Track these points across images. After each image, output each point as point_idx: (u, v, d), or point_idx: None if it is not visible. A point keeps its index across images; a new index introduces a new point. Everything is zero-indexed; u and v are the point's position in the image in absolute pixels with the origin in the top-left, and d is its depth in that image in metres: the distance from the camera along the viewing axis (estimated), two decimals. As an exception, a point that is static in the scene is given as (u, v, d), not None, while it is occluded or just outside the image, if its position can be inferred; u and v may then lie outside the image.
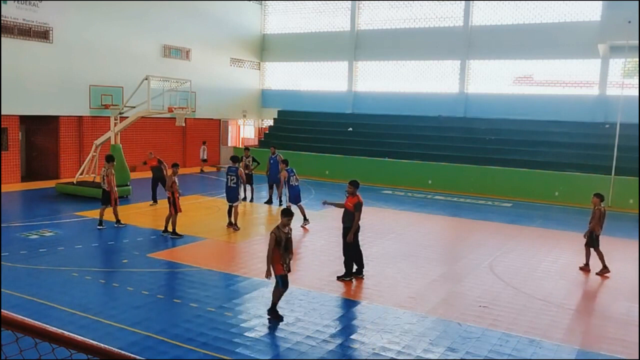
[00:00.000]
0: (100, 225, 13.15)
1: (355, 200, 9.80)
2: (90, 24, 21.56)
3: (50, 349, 1.75)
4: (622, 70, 22.27)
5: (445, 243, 13.83)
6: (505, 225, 15.23)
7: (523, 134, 23.25)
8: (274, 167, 17.39)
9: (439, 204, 19.12)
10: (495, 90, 25.14)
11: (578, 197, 19.58)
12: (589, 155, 21.11)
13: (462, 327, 7.86)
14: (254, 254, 11.47)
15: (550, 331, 7.79)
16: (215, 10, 27.59)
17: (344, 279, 9.77)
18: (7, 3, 18.72)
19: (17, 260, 10.25)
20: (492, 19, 24.99)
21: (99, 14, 21.87)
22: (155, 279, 9.72)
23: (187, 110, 18.76)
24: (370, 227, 14.62)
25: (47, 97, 20.42)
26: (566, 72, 23.90)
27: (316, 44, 29.13)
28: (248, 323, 7.62)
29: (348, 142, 25.75)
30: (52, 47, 20.34)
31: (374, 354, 6.77)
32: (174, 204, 12.37)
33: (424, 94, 26.61)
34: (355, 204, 9.77)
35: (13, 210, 15.26)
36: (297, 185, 14.39)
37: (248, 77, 30.45)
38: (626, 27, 19.22)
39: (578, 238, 14.48)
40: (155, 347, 6.74)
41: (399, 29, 27.10)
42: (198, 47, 26.68)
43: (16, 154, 20.00)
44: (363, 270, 10.03)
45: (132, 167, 18.13)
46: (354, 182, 9.97)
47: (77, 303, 8.13)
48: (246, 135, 31.87)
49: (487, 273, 10.56)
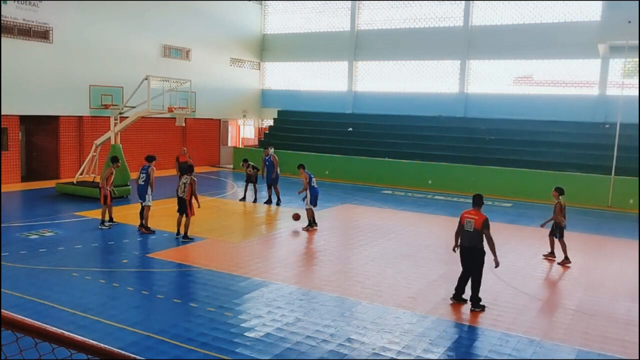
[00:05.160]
0: (110, 222, 13.42)
1: (483, 218, 8.51)
2: (90, 24, 21.56)
3: (50, 349, 1.75)
4: (622, 70, 22.27)
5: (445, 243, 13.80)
6: (505, 225, 15.23)
7: (523, 134, 23.24)
8: (269, 168, 17.42)
9: (439, 204, 19.12)
10: (495, 90, 25.14)
11: (578, 197, 19.59)
12: (589, 155, 21.10)
13: (462, 327, 7.87)
14: (254, 254, 11.48)
15: (550, 331, 7.79)
16: (215, 10, 27.59)
17: (455, 301, 8.70)
18: (7, 3, 18.73)
19: (17, 260, 10.25)
20: (492, 19, 24.99)
21: (99, 14, 21.87)
22: (155, 279, 9.72)
23: (187, 110, 18.75)
24: (370, 227, 14.64)
25: (47, 97, 20.42)
26: (566, 72, 23.89)
27: (316, 44, 29.13)
28: (248, 323, 7.62)
29: (348, 142, 25.75)
30: (52, 47, 20.34)
31: (374, 354, 6.77)
32: (191, 207, 12.32)
33: (424, 94, 26.61)
34: (484, 222, 8.46)
35: (13, 210, 15.26)
36: (317, 187, 14.38)
37: (248, 77, 30.45)
38: (626, 27, 19.22)
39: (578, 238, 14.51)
40: (155, 347, 6.74)
41: (399, 29, 27.10)
42: (198, 47, 26.68)
43: (16, 154, 20.01)
44: (479, 303, 8.53)
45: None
46: (477, 196, 8.88)
47: (77, 303, 8.12)
48: (246, 135, 31.87)
49: (487, 273, 10.54)
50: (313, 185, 14.09)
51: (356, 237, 13.43)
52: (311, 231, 13.81)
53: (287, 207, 17.07)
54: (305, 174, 14.13)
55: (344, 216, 16.44)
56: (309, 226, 13.98)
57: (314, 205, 14.06)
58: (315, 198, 14.06)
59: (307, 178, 14.04)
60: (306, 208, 14.07)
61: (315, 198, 14.06)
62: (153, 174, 13.04)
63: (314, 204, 14.07)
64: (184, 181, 12.34)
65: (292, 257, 11.61)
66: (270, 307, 8.29)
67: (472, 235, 8.55)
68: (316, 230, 13.91)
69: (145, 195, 12.93)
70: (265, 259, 11.30)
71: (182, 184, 12.35)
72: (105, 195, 13.14)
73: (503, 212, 17.52)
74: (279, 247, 12.64)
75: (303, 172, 14.23)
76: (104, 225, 13.13)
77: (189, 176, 12.36)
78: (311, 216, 14.07)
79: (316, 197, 14.13)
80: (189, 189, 12.21)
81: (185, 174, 12.55)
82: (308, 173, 14.17)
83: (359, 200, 19.03)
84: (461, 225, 8.69)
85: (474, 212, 8.68)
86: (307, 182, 14.00)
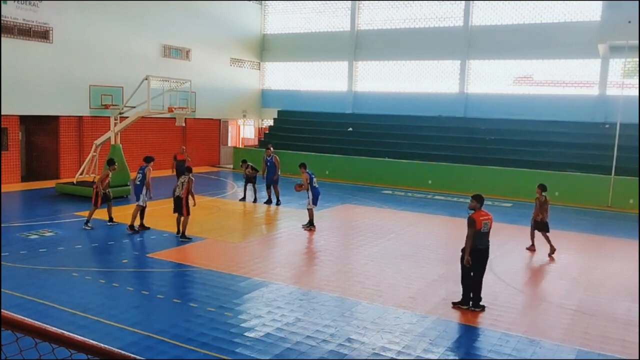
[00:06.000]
0: (111, 222, 13.50)
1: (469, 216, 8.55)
2: (90, 24, 21.56)
3: (50, 349, 1.75)
4: (622, 70, 22.27)
5: (445, 243, 13.81)
6: (505, 225, 15.22)
7: (523, 134, 23.24)
8: (270, 169, 17.42)
9: (439, 204, 19.12)
10: (495, 90, 25.14)
11: (578, 197, 19.60)
12: (589, 155, 21.10)
13: (462, 327, 7.87)
14: (254, 254, 11.48)
15: (550, 331, 7.79)
16: (215, 10, 27.59)
17: (460, 306, 8.57)
18: (7, 3, 18.72)
19: (17, 260, 10.25)
20: (492, 19, 24.99)
21: (99, 14, 21.87)
22: (155, 279, 9.72)
23: (187, 110, 18.75)
24: (370, 227, 14.63)
25: (47, 97, 20.42)
26: (566, 72, 23.89)
27: (316, 44, 29.12)
28: (248, 323, 7.62)
29: (348, 142, 25.75)
30: (52, 47, 20.34)
31: (374, 354, 6.77)
32: (187, 206, 12.36)
33: (424, 94, 26.61)
34: (467, 219, 8.51)
35: (13, 210, 15.26)
36: (318, 187, 14.38)
37: (248, 77, 30.45)
38: (626, 27, 19.22)
39: (578, 238, 14.52)
40: (155, 347, 6.74)
41: (399, 29, 27.10)
42: (198, 47, 26.68)
43: (16, 154, 20.00)
44: (479, 303, 8.53)
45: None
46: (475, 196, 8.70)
47: (77, 303, 8.12)
48: (246, 135, 31.86)
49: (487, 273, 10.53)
50: (314, 185, 14.10)
51: (356, 237, 13.43)
52: (311, 231, 13.81)
53: (287, 207, 17.08)
54: (306, 174, 14.13)
55: (344, 216, 16.44)
56: (309, 225, 13.99)
57: (315, 204, 14.08)
58: (316, 198, 14.08)
59: (307, 178, 14.04)
60: (307, 208, 14.09)
61: (316, 198, 14.08)
62: (149, 174, 13.09)
63: (315, 204, 14.10)
64: (182, 180, 12.54)
65: (292, 257, 11.61)
66: (270, 307, 8.29)
67: (487, 236, 8.53)
68: (315, 231, 13.91)
69: (140, 195, 13.03)
70: (265, 259, 11.30)
71: (180, 183, 12.55)
72: (96, 197, 13.13)
73: (503, 212, 17.51)
74: (279, 247, 12.64)
75: (304, 172, 14.23)
76: (87, 226, 13.03)
77: (187, 175, 12.50)
78: (312, 216, 14.08)
79: (317, 196, 14.15)
80: (186, 187, 12.35)
81: (183, 174, 12.72)
82: (309, 173, 14.17)
83: (359, 200, 19.03)
84: (477, 230, 8.35)
85: (485, 213, 8.60)
86: (308, 182, 14.00)
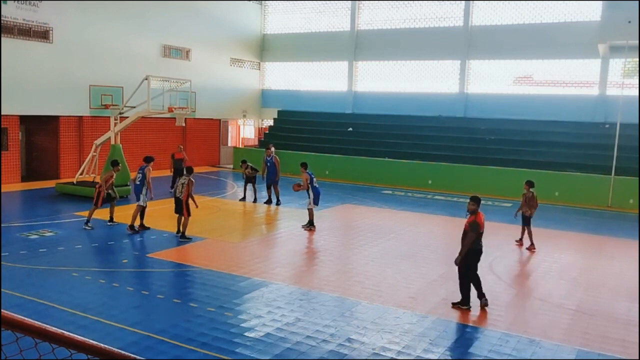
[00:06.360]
0: (111, 222, 13.53)
1: (472, 219, 8.50)
2: (90, 24, 21.56)
3: (50, 349, 1.75)
4: (622, 70, 22.27)
5: (445, 243, 13.80)
6: (505, 225, 15.22)
7: (523, 134, 23.24)
8: (271, 169, 17.42)
9: (439, 204, 19.12)
10: (495, 90, 25.13)
11: (578, 197, 19.60)
12: (589, 155, 21.10)
13: (462, 327, 7.87)
14: (254, 254, 11.48)
15: (550, 331, 7.79)
16: (215, 10, 27.59)
17: (460, 306, 8.57)
18: (7, 3, 18.72)
19: (17, 260, 10.25)
20: (492, 19, 24.99)
21: (99, 14, 21.86)
22: (155, 279, 9.72)
23: (187, 110, 18.75)
24: (370, 227, 14.64)
25: (47, 97, 20.41)
26: (566, 72, 23.89)
27: (316, 44, 29.12)
28: (248, 323, 7.62)
29: (348, 142, 25.75)
30: (52, 47, 20.34)
31: (374, 354, 6.77)
32: (187, 208, 12.35)
33: (424, 94, 26.60)
34: (471, 223, 8.48)
35: (13, 210, 15.26)
36: (319, 187, 14.38)
37: (248, 77, 30.45)
38: (626, 27, 19.21)
39: (578, 238, 14.52)
40: (155, 347, 6.74)
41: (399, 29, 27.10)
42: (198, 47, 26.68)
43: (16, 154, 20.00)
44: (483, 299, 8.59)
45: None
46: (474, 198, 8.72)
47: (77, 303, 8.12)
48: (246, 135, 31.86)
49: (487, 273, 10.55)
50: (315, 185, 14.11)
51: (356, 237, 13.43)
52: (311, 231, 13.81)
53: (287, 207, 17.08)
54: (307, 174, 14.13)
55: (344, 216, 16.44)
56: (309, 225, 14.00)
57: (316, 204, 14.09)
58: (317, 197, 14.09)
59: (307, 179, 14.04)
60: (308, 208, 14.10)
61: (317, 197, 14.09)
62: (149, 174, 13.11)
63: (317, 203, 14.11)
64: (182, 181, 12.52)
65: (292, 257, 11.61)
66: (270, 307, 8.29)
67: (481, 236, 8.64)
68: (315, 231, 13.91)
69: (140, 195, 13.04)
70: (265, 259, 11.30)
71: (180, 184, 12.52)
72: (98, 197, 13.17)
73: (503, 212, 17.50)
74: (279, 247, 12.64)
75: (304, 172, 14.24)
76: (88, 226, 13.04)
77: (187, 176, 12.47)
78: (312, 216, 14.08)
79: (318, 196, 14.16)
80: (186, 189, 12.31)
81: (183, 175, 12.71)
82: (309, 173, 14.18)
83: (359, 200, 19.03)
84: (480, 232, 8.51)
85: (482, 214, 8.70)
86: (308, 182, 14.00)
